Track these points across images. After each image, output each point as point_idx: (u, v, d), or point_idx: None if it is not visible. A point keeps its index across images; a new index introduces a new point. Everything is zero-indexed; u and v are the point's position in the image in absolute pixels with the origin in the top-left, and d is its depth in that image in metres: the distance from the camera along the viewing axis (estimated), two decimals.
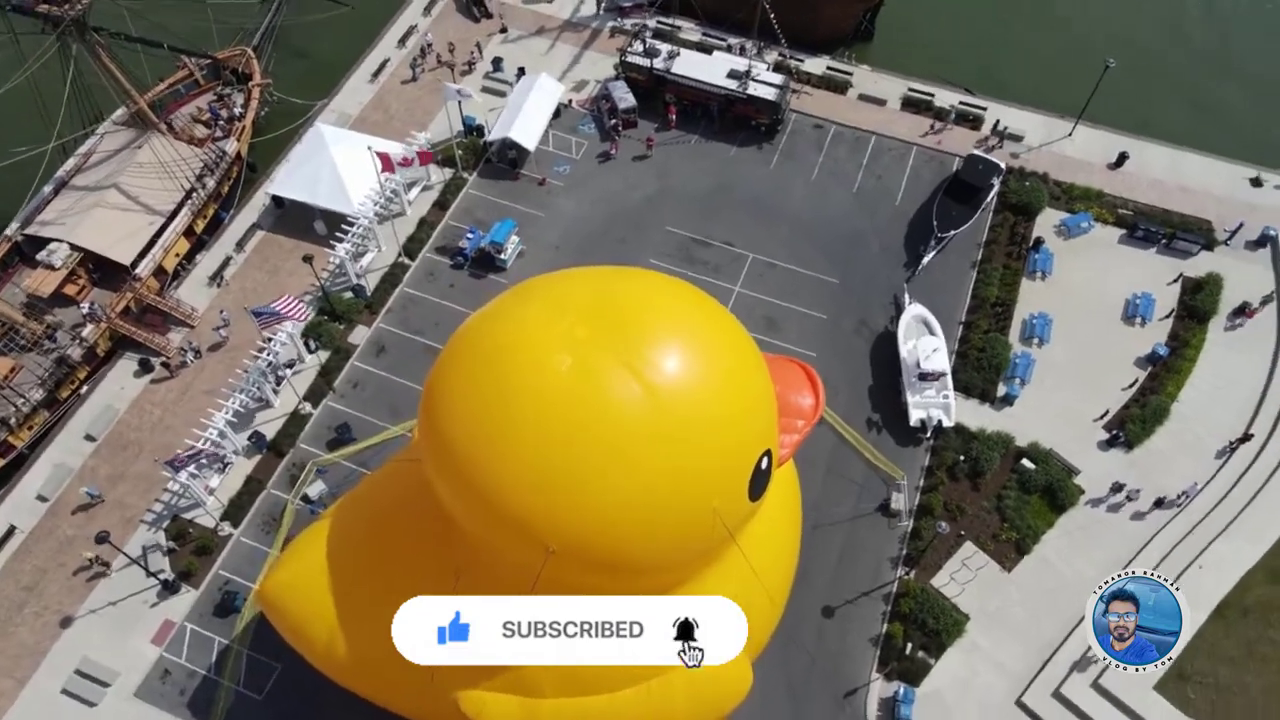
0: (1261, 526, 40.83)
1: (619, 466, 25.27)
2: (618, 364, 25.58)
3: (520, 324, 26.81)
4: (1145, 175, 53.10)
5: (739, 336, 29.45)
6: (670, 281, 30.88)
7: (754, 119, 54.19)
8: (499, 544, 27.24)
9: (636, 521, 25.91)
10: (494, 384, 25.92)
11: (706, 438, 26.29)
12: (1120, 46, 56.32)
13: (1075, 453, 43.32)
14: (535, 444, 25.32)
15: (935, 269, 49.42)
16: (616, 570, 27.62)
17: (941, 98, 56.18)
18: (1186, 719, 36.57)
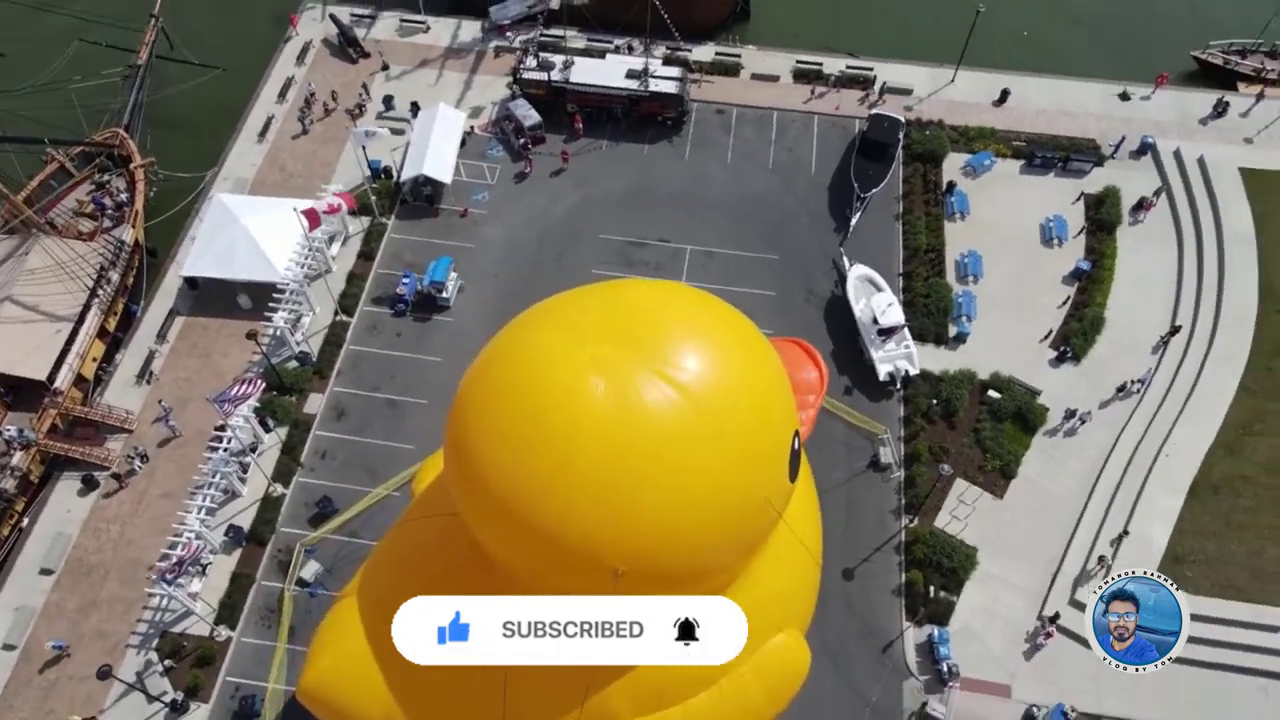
0: (1209, 407, 44.21)
1: (676, 476, 25.11)
2: (651, 375, 25.35)
3: (542, 357, 26.17)
4: (1029, 107, 56.46)
5: (747, 325, 29.72)
6: (670, 285, 30.88)
7: (659, 115, 54.70)
8: (563, 578, 26.67)
9: (701, 527, 25.83)
10: (533, 423, 25.23)
11: (748, 430, 26.47)
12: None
13: (1032, 375, 45.78)
14: (588, 473, 24.84)
15: (863, 228, 51.17)
16: (684, 580, 27.59)
17: (830, 65, 58.07)
18: (1189, 596, 39.21)
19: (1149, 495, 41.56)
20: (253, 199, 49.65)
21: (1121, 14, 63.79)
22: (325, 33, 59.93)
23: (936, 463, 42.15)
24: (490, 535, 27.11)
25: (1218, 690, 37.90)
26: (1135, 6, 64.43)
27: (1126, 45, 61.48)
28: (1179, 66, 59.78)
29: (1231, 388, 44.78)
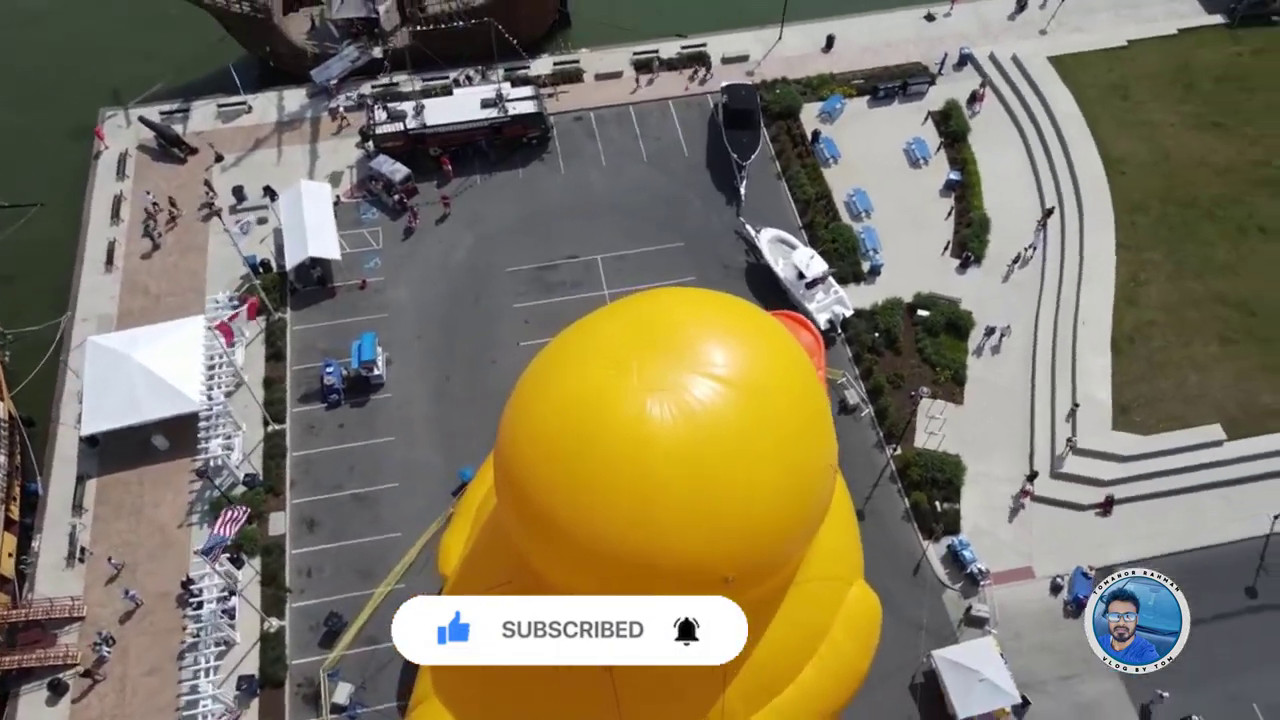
0: (1099, 271, 48.94)
1: (755, 466, 25.52)
2: (696, 378, 25.61)
3: (594, 397, 25.75)
4: (854, 47, 59.93)
5: (749, 307, 30.58)
6: (668, 292, 31.21)
7: (524, 136, 54.14)
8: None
9: (788, 508, 26.46)
10: (611, 468, 24.86)
11: (797, 401, 27.33)
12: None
13: (947, 285, 49.07)
14: (680, 494, 24.80)
15: (753, 194, 52.78)
16: (783, 564, 28.08)
17: (665, 50, 59.31)
18: (1144, 437, 43.66)
19: (1081, 363, 45.63)
20: (132, 333, 45.20)
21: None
22: (138, 138, 55.17)
23: (898, 391, 44.65)
24: (588, 581, 26.52)
25: (1192, 510, 42.41)
26: None
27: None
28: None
29: (1110, 248, 49.76)
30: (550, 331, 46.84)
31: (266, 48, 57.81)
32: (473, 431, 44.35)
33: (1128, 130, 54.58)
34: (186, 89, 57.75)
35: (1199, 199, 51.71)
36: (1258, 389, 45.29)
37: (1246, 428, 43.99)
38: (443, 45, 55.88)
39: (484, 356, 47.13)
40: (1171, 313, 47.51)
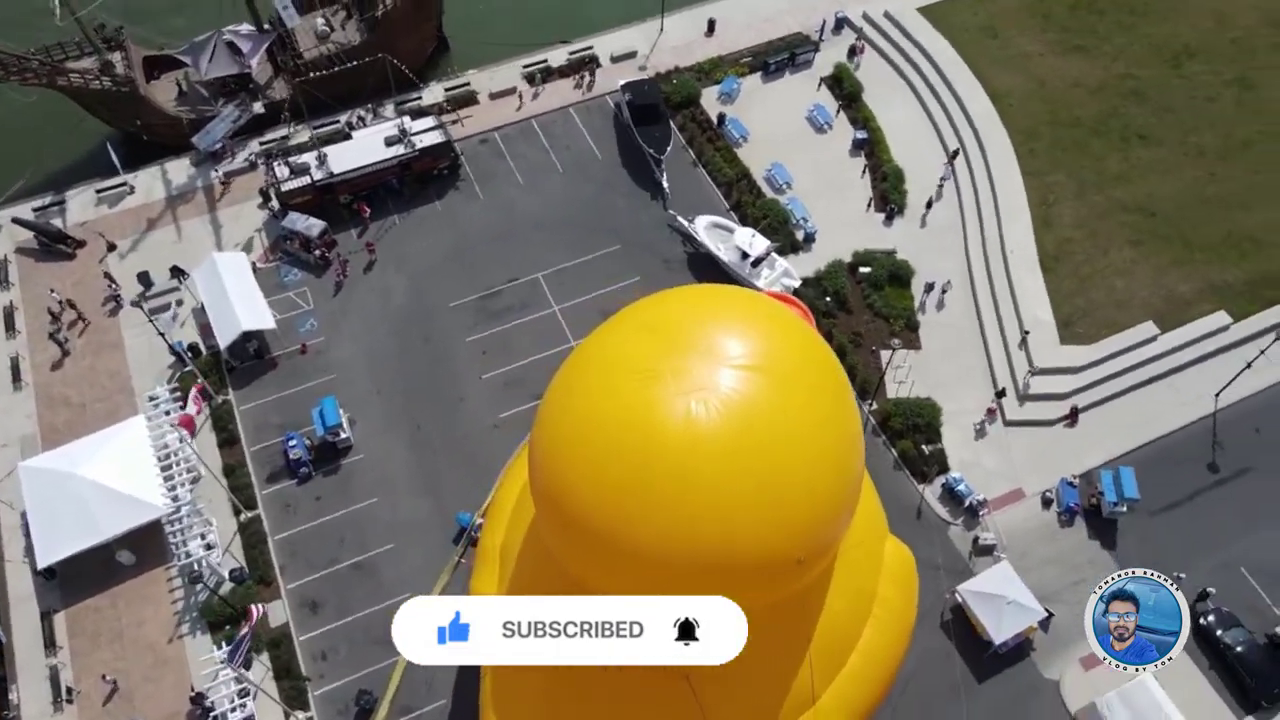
0: (1012, 201, 51.65)
1: (811, 443, 25.95)
2: (727, 371, 25.76)
3: (633, 409, 25.47)
4: (735, 27, 60.99)
5: (752, 293, 30.93)
6: (671, 293, 31.13)
7: (434, 169, 52.79)
8: (748, 590, 26.53)
9: (844, 480, 26.98)
10: (665, 474, 24.68)
11: (825, 373, 27.99)
12: None
13: (879, 239, 50.85)
14: (743, 487, 24.89)
15: (675, 185, 53.14)
16: (843, 533, 28.52)
17: (554, 58, 58.91)
18: (1090, 346, 46.49)
19: (1018, 289, 48.13)
20: (67, 449, 41.68)
21: None
22: (15, 241, 50.92)
23: (859, 348, 46.08)
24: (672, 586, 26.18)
25: (1146, 404, 45.51)
26: None
27: None
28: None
29: (1017, 177, 52.60)
30: (510, 359, 46.98)
31: (136, 121, 54.27)
32: (457, 474, 43.36)
33: (1003, 65, 57.73)
34: (55, 180, 53.67)
35: (1081, 118, 55.27)
36: (1173, 282, 48.89)
37: (1173, 319, 47.46)
38: (328, 89, 53.84)
39: (450, 396, 45.88)
40: (1084, 227, 50.67)
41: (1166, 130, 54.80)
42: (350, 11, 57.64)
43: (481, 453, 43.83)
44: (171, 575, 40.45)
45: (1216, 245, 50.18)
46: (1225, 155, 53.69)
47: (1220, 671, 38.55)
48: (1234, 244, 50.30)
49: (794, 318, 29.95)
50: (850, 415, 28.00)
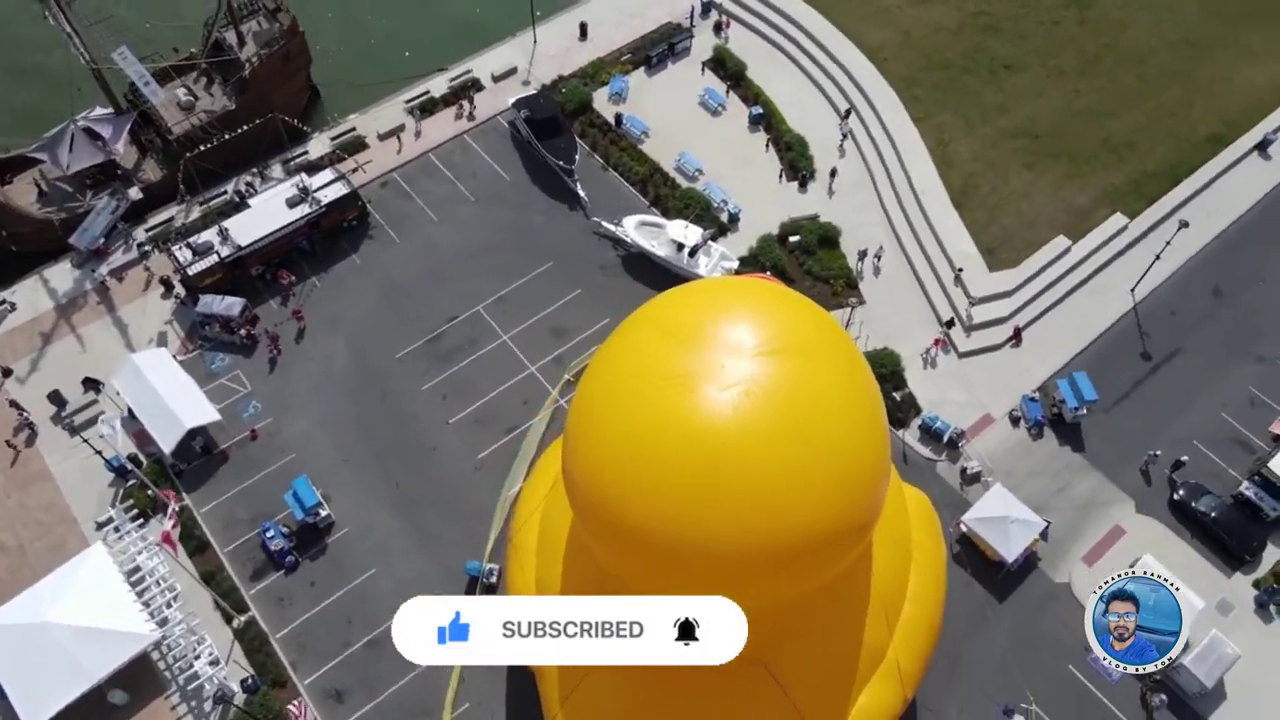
0: (911, 146, 53.98)
1: (848, 412, 26.61)
2: (759, 359, 26.07)
3: (671, 411, 25.41)
4: (607, 26, 61.20)
5: (747, 279, 31.29)
6: (675, 291, 31.12)
7: (343, 221, 50.77)
8: (824, 565, 27.01)
9: (882, 439, 27.76)
10: (720, 473, 24.75)
11: (841, 343, 28.67)
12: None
13: (801, 207, 52.26)
14: (799, 469, 25.23)
15: (590, 193, 52.93)
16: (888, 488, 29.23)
17: (435, 88, 57.56)
18: (1016, 269, 49.25)
19: (939, 228, 50.45)
20: (28, 595, 37.67)
21: None
22: None
23: None
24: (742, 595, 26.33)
25: (1075, 312, 48.71)
26: None
27: None
28: None
29: (909, 125, 55.03)
30: (473, 398, 45.84)
31: (1, 232, 49.82)
32: (449, 524, 42.17)
33: (869, 22, 60.11)
34: None
35: (951, 60, 58.34)
36: (1070, 195, 52.38)
37: (1079, 229, 50.89)
38: (217, 158, 50.87)
39: (421, 449, 44.40)
40: (980, 160, 53.58)
41: (1027, 57, 58.53)
42: (211, 77, 54.55)
43: (469, 498, 42.71)
44: (174, 704, 37.63)
45: (1097, 154, 54.06)
46: (1083, 71, 57.84)
47: (1202, 538, 41.78)
48: (1111, 149, 54.31)
49: (793, 294, 30.72)
50: (867, 371, 28.83)
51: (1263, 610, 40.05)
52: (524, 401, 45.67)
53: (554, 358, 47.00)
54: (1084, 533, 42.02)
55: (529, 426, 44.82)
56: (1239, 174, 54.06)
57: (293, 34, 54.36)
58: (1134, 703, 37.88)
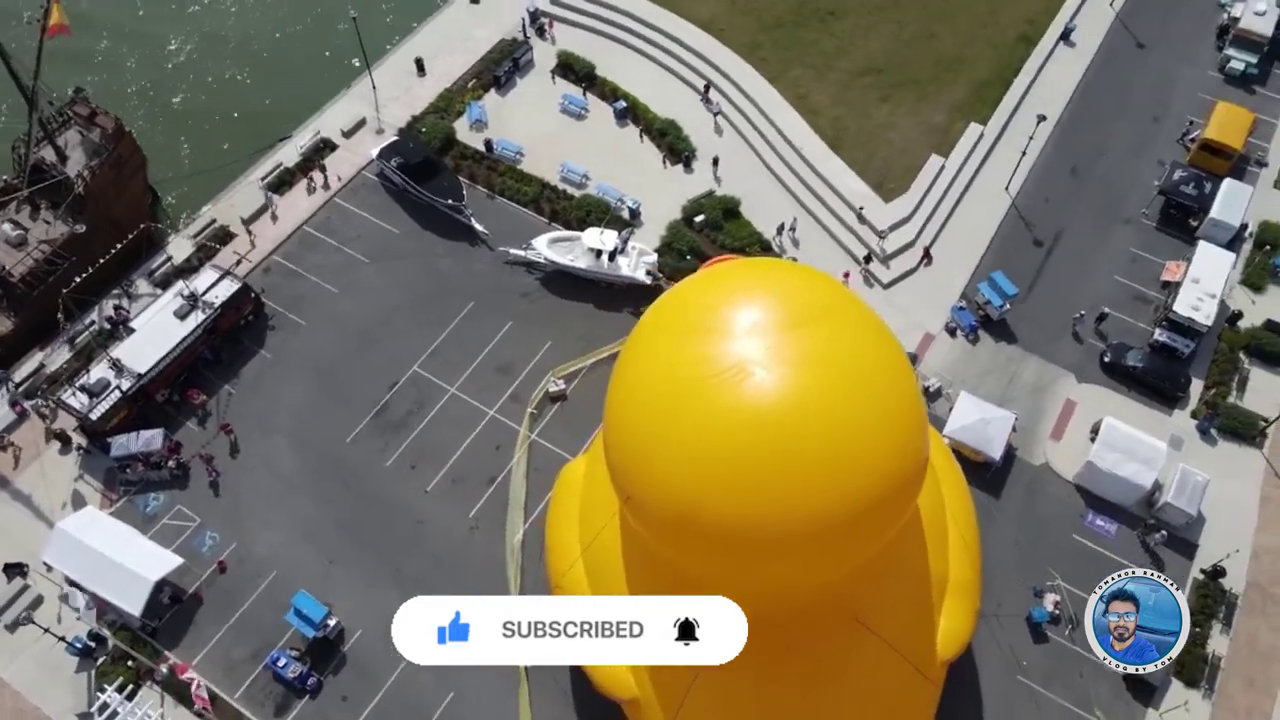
0: (771, 102, 55.95)
1: (884, 368, 27.62)
2: (786, 336, 26.71)
3: (726, 409, 25.75)
4: (443, 55, 59.65)
5: (746, 260, 31.70)
6: (687, 283, 31.21)
7: (240, 319, 47.19)
8: (900, 511, 27.91)
9: (915, 383, 28.88)
10: (790, 451, 25.25)
11: (855, 303, 29.65)
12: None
13: (694, 187, 53.09)
14: (863, 423, 25.98)
15: (489, 226, 51.53)
16: None
17: (285, 157, 54.36)
18: (906, 196, 52.21)
19: (828, 176, 52.60)
20: None
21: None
22: None
23: None
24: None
25: (968, 214, 52.37)
26: None
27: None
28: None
29: (765, 84, 56.91)
30: (442, 459, 44.08)
31: None
32: (466, 591, 39.93)
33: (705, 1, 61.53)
34: None
35: (781, 18, 60.76)
36: (927, 116, 55.98)
37: (945, 145, 54.55)
38: (68, 291, 45.89)
39: (407, 525, 42.24)
40: (840, 104, 56.29)
41: (847, 1, 61.81)
42: (36, 204, 49.10)
43: (474, 559, 41.10)
44: None
45: (935, 74, 58.05)
46: (897, 3, 61.83)
47: (1138, 388, 46.12)
48: (945, 68, 58.49)
49: (784, 263, 31.31)
50: (878, 318, 29.96)
51: (1206, 436, 44.75)
52: (496, 447, 44.27)
53: (509, 395, 45.77)
54: (1043, 413, 45.43)
55: (509, 470, 43.51)
56: (1055, 66, 59.60)
57: (119, 136, 49.85)
58: (1138, 549, 41.45)
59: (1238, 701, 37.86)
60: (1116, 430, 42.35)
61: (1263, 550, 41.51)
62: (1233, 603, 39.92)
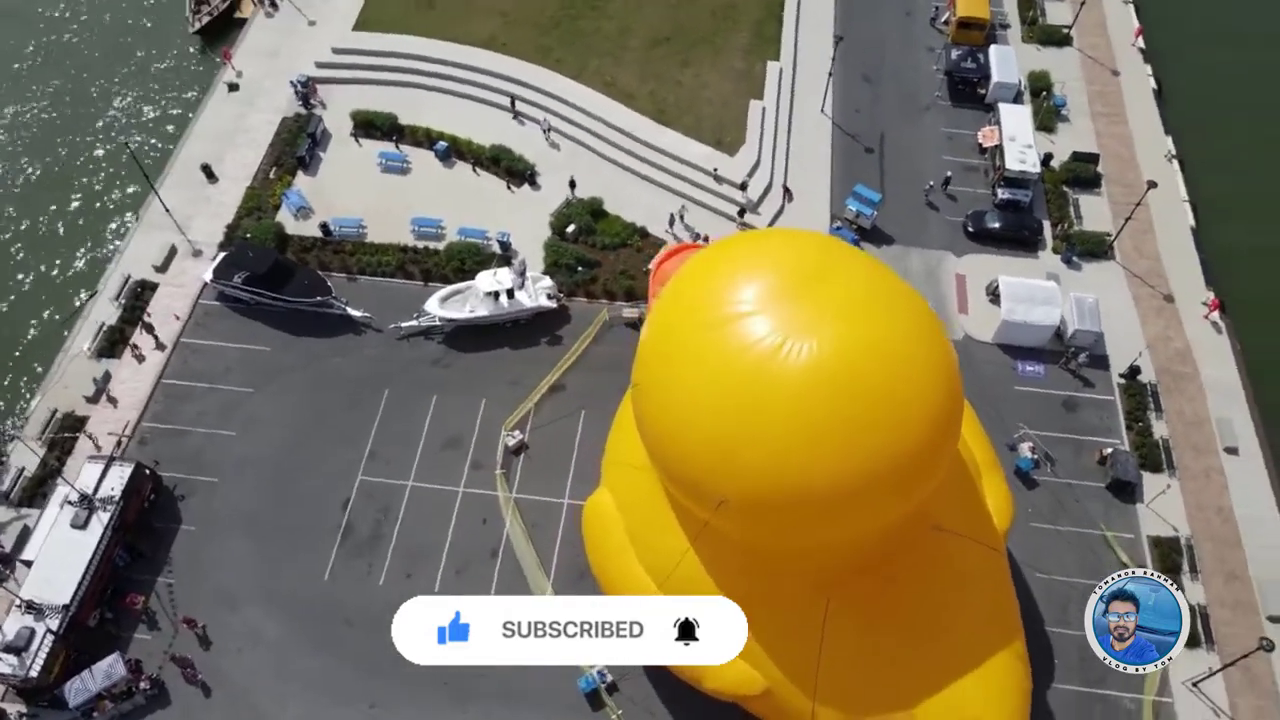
0: (579, 95, 56.15)
1: (916, 324, 28.85)
2: (811, 305, 27.54)
3: (783, 381, 26.35)
4: (227, 152, 55.03)
5: (742, 235, 32.21)
6: (705, 254, 31.41)
7: (144, 503, 41.53)
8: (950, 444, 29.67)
9: (942, 333, 30.52)
10: (858, 409, 26.33)
11: (869, 259, 31.02)
12: None
13: (550, 202, 52.52)
14: (912, 372, 27.36)
15: (361, 306, 48.26)
16: None
17: (102, 315, 48.00)
18: (747, 145, 54.44)
19: (672, 149, 53.74)
20: None
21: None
22: None
23: (634, 280, 48.68)
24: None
25: (806, 150, 55.41)
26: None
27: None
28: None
29: (569, 83, 56.86)
30: (434, 559, 43.09)
31: None
32: (516, 673, 38.17)
33: (462, 22, 59.83)
34: None
35: (557, 17, 60.68)
36: (728, 65, 58.28)
37: (756, 89, 57.10)
38: None
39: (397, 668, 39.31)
40: (647, 79, 57.40)
41: None
42: None
43: None
44: None
45: (717, 25, 60.66)
46: None
47: (1004, 243, 51.39)
48: (723, 17, 61.21)
49: (780, 230, 32.04)
50: (868, 255, 31.59)
51: (1071, 264, 50.72)
52: (483, 521, 42.19)
53: (470, 465, 43.67)
54: (944, 294, 49.57)
55: (507, 538, 41.69)
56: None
57: None
58: (1068, 377, 46.53)
59: (1194, 467, 43.78)
60: (1013, 285, 47.12)
61: (1154, 340, 47.89)
62: (1155, 391, 45.87)
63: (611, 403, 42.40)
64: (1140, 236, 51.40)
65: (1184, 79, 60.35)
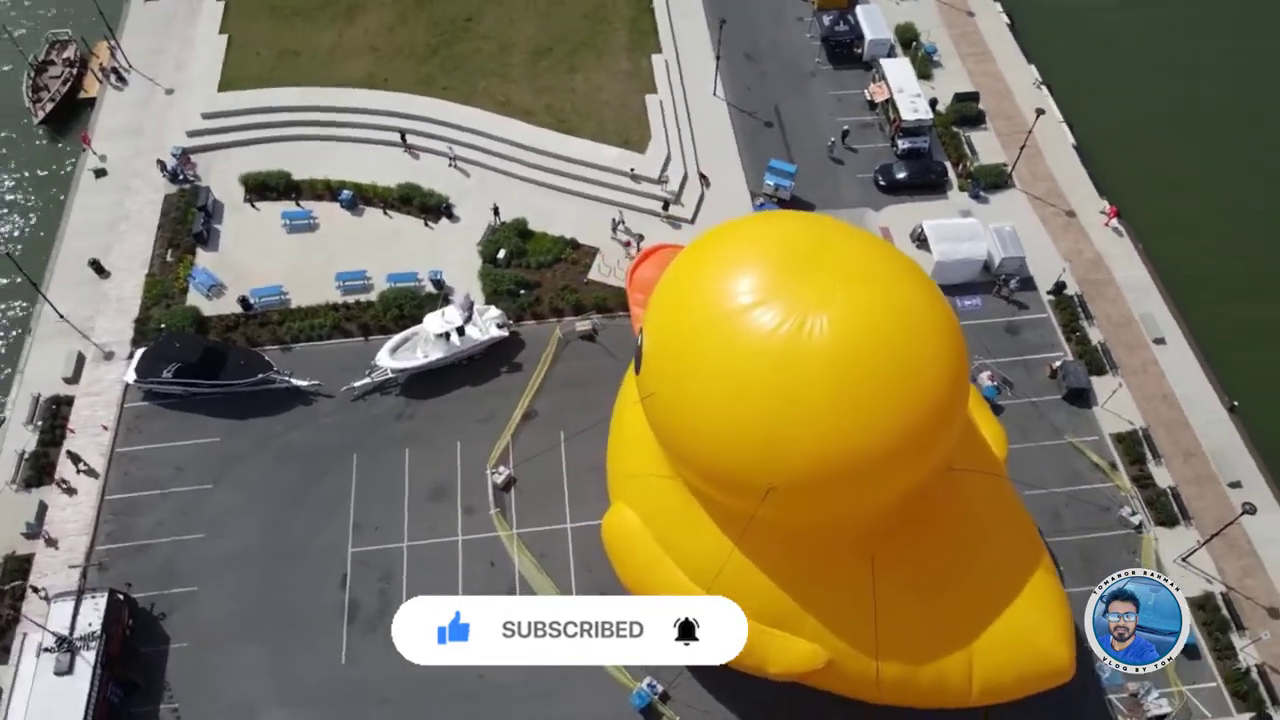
0: (481, 124, 55.25)
1: (925, 298, 29.48)
2: (825, 286, 28.02)
3: (799, 360, 26.89)
4: (114, 244, 51.24)
5: (742, 220, 33.39)
6: (704, 239, 31.95)
7: (125, 631, 38.41)
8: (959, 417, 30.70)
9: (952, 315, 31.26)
10: (875, 383, 27.05)
11: (870, 237, 31.88)
12: None
13: (473, 233, 51.50)
14: (917, 346, 28.12)
15: (306, 375, 46.06)
16: None
17: (17, 443, 43.99)
18: (654, 145, 54.78)
19: (585, 156, 53.51)
20: None
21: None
22: None
23: (580, 289, 48.55)
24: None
25: (710, 133, 56.12)
26: None
27: None
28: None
29: (473, 110, 55.60)
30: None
31: None
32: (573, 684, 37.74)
33: (335, 69, 57.79)
34: None
35: (431, 44, 59.27)
36: (614, 65, 58.45)
37: (648, 84, 57.44)
38: None
39: (466, 686, 37.95)
40: (542, 92, 56.79)
41: (470, 4, 61.73)
42: None
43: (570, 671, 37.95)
44: None
45: (594, 28, 60.87)
46: None
47: (917, 192, 53.71)
48: (597, 20, 61.46)
49: (778, 212, 32.35)
50: (862, 230, 32.49)
51: (979, 199, 53.51)
52: (490, 564, 41.11)
53: (462, 511, 42.44)
54: None
55: (518, 576, 40.81)
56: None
57: None
58: (1003, 304, 49.14)
59: (1132, 363, 47.10)
60: (938, 227, 49.45)
61: (1069, 254, 51.21)
62: (1082, 301, 49.09)
63: (586, 418, 42.33)
64: (1033, 161, 54.70)
65: (1029, 10, 64.56)
